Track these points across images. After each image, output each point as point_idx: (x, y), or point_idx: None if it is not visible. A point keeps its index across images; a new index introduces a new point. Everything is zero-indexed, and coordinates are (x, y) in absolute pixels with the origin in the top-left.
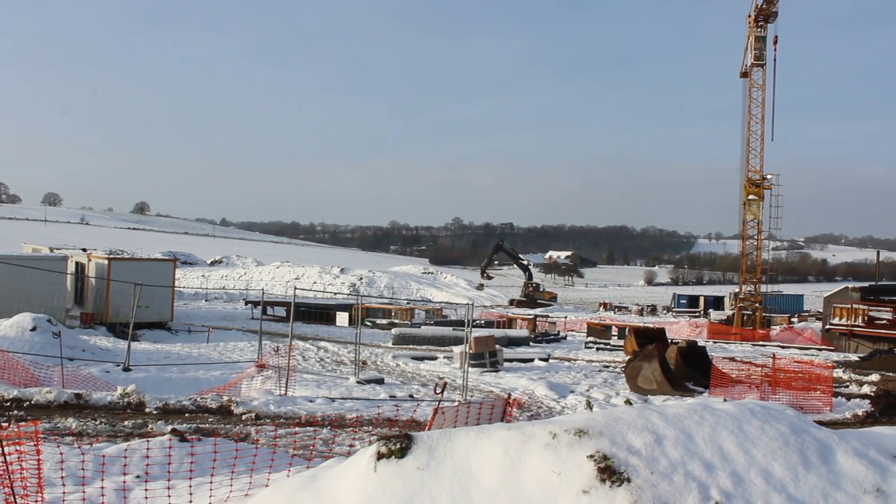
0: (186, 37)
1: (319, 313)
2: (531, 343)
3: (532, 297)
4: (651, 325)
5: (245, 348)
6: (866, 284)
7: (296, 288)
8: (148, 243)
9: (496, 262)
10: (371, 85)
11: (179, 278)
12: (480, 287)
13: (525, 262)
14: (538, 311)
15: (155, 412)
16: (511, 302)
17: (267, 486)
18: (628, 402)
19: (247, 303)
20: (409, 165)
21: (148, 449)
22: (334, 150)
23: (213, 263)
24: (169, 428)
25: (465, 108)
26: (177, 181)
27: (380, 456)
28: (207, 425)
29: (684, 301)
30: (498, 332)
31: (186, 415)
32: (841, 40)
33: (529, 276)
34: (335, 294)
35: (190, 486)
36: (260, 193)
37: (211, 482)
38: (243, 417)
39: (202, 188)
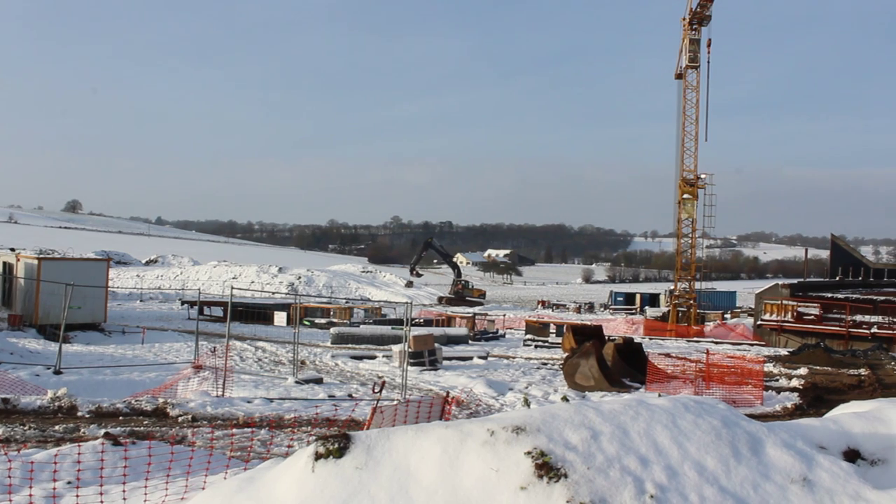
0: (119, 33)
1: (257, 313)
2: (470, 341)
3: (461, 294)
4: (588, 323)
5: (181, 349)
6: (795, 281)
7: (233, 287)
8: (80, 242)
9: (435, 261)
10: (307, 83)
11: (113, 278)
12: (410, 284)
13: (454, 260)
14: (477, 308)
15: (87, 416)
16: (440, 300)
17: (203, 488)
18: (565, 398)
19: (183, 303)
20: (347, 164)
21: (79, 454)
22: (271, 148)
23: (148, 263)
24: (102, 432)
25: (402, 106)
26: (110, 179)
27: (318, 456)
28: (142, 428)
29: (621, 298)
30: (437, 331)
31: (120, 418)
32: (771, 45)
33: (458, 274)
34: (273, 293)
35: (124, 491)
36: (196, 192)
37: (146, 486)
38: (179, 419)
39: (137, 186)
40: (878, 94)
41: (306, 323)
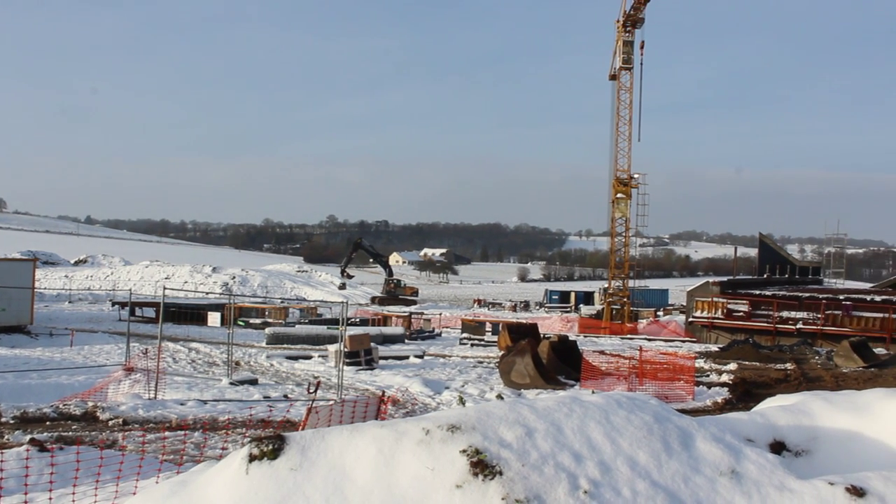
0: (46, 25)
1: (191, 313)
2: (406, 340)
3: (393, 293)
4: (524, 321)
5: (112, 351)
6: (725, 279)
7: (165, 288)
8: (5, 242)
9: (370, 261)
10: (239, 81)
11: (40, 279)
12: (343, 286)
13: (384, 259)
14: (413, 308)
15: (12, 422)
16: (373, 299)
17: (135, 493)
18: (501, 396)
19: (114, 304)
20: (281, 162)
21: (2, 461)
22: (204, 146)
23: (77, 263)
24: (27, 438)
25: (336, 105)
26: (37, 176)
27: (252, 458)
28: (70, 433)
29: (556, 297)
30: (373, 330)
31: (48, 423)
32: (701, 48)
33: (389, 273)
34: (207, 294)
35: (50, 499)
36: (127, 190)
37: (73, 493)
38: (110, 423)
39: (65, 184)
40: (800, 97)
41: (241, 323)
